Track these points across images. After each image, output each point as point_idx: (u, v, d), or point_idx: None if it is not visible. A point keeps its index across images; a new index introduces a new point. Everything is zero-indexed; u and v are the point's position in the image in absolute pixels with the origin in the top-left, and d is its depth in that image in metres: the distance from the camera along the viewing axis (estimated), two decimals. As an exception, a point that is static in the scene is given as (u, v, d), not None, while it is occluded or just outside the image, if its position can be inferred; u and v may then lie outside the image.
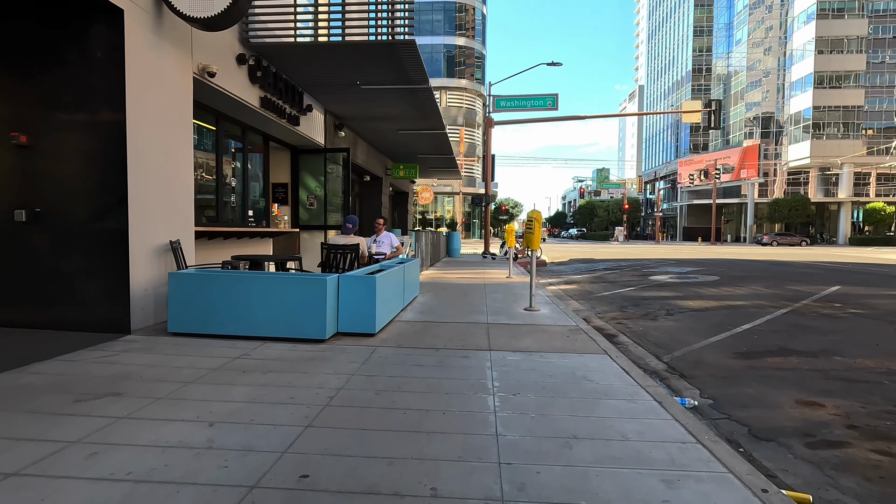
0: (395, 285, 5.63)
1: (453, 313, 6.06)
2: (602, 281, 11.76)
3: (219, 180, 7.22)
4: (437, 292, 8.04)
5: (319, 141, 9.99)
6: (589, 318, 6.88)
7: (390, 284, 5.29)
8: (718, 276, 12.19)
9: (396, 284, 5.68)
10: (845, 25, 51.63)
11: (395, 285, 5.63)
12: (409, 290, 6.68)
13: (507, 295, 7.88)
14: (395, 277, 5.54)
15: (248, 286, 4.40)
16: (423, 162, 17.04)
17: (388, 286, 5.13)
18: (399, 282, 5.84)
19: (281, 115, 7.95)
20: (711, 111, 20.06)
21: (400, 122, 11.18)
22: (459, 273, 11.75)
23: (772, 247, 39.19)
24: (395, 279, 5.55)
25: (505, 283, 9.58)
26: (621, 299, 8.70)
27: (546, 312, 6.28)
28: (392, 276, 5.39)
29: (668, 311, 7.44)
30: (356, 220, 6.06)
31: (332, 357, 3.90)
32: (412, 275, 6.95)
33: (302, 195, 10.33)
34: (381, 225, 7.63)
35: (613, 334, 5.85)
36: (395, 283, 5.57)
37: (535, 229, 6.28)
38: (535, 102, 20.54)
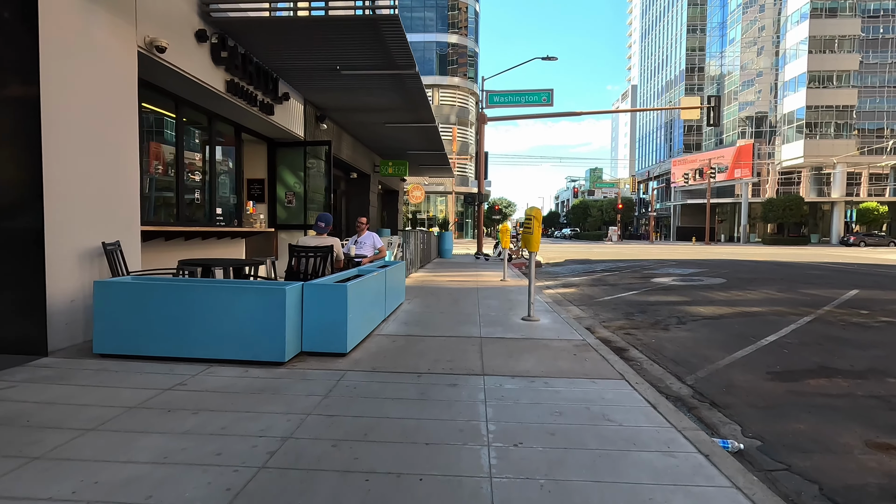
0: (375, 293, 4.88)
1: (442, 324, 5.32)
2: (602, 284, 11.08)
3: (179, 174, 6.43)
4: (426, 298, 7.31)
5: (298, 133, 9.21)
6: (593, 327, 6.17)
7: (368, 293, 4.55)
8: (725, 279, 11.56)
9: (376, 292, 4.94)
10: (838, 25, 51.54)
11: (375, 293, 4.88)
12: (393, 297, 5.94)
13: (503, 301, 7.15)
14: (374, 284, 4.79)
15: (192, 298, 3.63)
16: (414, 158, 16.29)
17: (364, 295, 4.39)
18: (379, 289, 5.10)
19: (252, 103, 7.17)
20: (710, 107, 19.51)
21: (387, 113, 10.42)
22: (451, 275, 11.02)
23: (859, 248, 37.71)
24: (374, 286, 4.80)
25: (499, 288, 8.86)
26: (626, 305, 8.01)
27: (547, 323, 5.57)
28: (370, 282, 4.64)
29: (680, 318, 6.75)
30: (330, 219, 5.31)
31: (288, 387, 3.14)
32: (396, 280, 6.21)
33: (280, 192, 9.55)
34: (363, 224, 6.88)
35: (624, 348, 5.14)
36: (374, 291, 4.82)
37: (535, 229, 5.56)
38: (530, 98, 19.89)
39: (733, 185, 56.62)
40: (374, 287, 4.83)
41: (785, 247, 40.48)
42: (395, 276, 6.12)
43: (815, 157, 51.17)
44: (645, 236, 67.84)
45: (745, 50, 59.91)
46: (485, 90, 19.85)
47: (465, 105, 53.90)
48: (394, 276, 5.98)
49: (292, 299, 3.67)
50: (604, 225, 69.10)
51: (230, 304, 3.60)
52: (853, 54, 51.22)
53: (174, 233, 6.13)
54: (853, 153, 49.99)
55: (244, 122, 8.01)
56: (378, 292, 5.01)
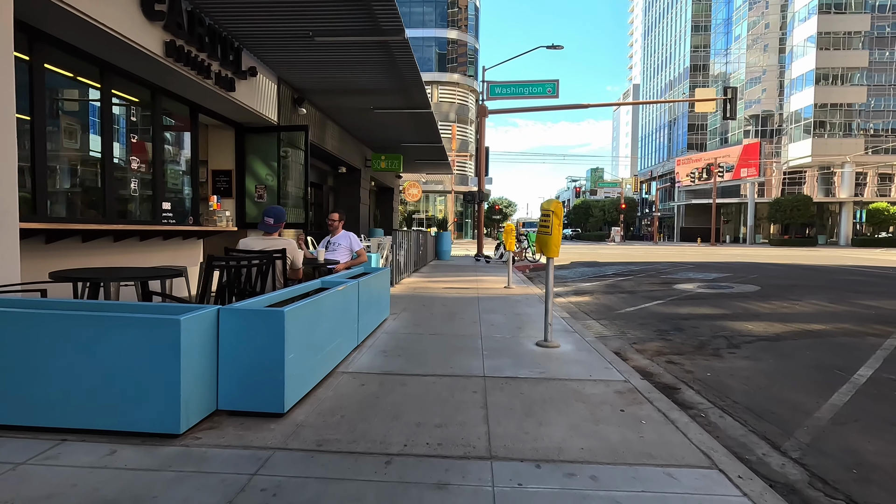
0: (339, 315, 3.59)
1: (432, 354, 4.04)
2: (618, 291, 9.80)
3: (106, 159, 5.14)
4: (416, 312, 6.02)
5: (271, 117, 7.93)
6: (624, 351, 4.89)
7: (326, 317, 3.26)
8: (757, 286, 10.27)
9: (341, 313, 3.65)
10: (847, 21, 50.33)
11: (339, 315, 3.59)
12: (372, 314, 4.65)
13: (509, 316, 5.87)
14: (336, 304, 3.50)
15: (36, 334, 2.34)
16: (409, 152, 15.00)
17: (319, 321, 3.10)
18: (347, 308, 3.81)
19: (204, 75, 5.87)
20: (727, 99, 18.25)
21: (375, 97, 9.14)
22: (448, 281, 9.74)
23: (873, 249, 35.59)
24: (336, 306, 3.51)
25: (504, 297, 7.58)
26: (654, 319, 6.72)
27: (568, 350, 4.28)
28: (330, 302, 3.35)
29: (729, 339, 5.47)
30: (282, 214, 4.00)
31: (166, 492, 1.86)
32: (377, 292, 4.93)
33: (249, 185, 8.26)
34: (336, 221, 5.59)
35: (673, 387, 3.85)
36: (337, 313, 3.53)
37: (555, 228, 4.27)
38: (534, 89, 18.64)
39: (738, 184, 55.41)
40: (338, 307, 3.54)
41: (794, 248, 39.24)
42: (376, 287, 4.83)
43: (823, 156, 49.96)
44: (648, 237, 66.60)
45: (751, 47, 58.69)
46: (486, 81, 18.58)
47: (464, 102, 52.72)
48: (373, 287, 4.70)
49: (197, 333, 2.38)
50: (605, 225, 67.81)
51: (95, 342, 2.31)
52: (862, 51, 50.02)
53: (95, 232, 4.84)
54: (862, 152, 48.81)
55: (201, 101, 6.72)
56: (345, 313, 3.72)
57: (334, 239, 5.57)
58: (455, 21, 51.84)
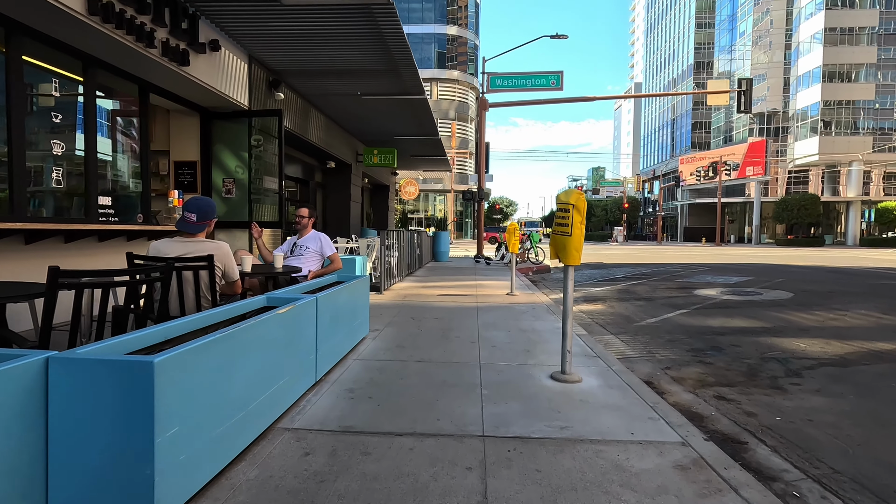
0: (284, 348, 2.59)
1: (415, 393, 3.04)
2: (633, 297, 8.80)
3: (13, 143, 4.14)
4: (403, 328, 5.03)
5: (240, 101, 6.94)
6: (657, 380, 3.91)
7: (254, 356, 2.26)
8: (789, 292, 9.25)
9: (289, 344, 2.64)
10: (855, 16, 49.27)
11: (284, 348, 2.59)
12: (340, 337, 3.66)
13: (514, 333, 4.87)
14: (276, 332, 2.49)
15: None
16: (404, 147, 14.00)
17: (238, 366, 2.10)
18: (300, 335, 2.81)
19: (146, 42, 4.88)
20: (742, 91, 17.25)
21: (362, 80, 8.14)
22: (444, 286, 8.74)
23: (887, 249, 33.82)
24: (275, 337, 2.50)
25: (507, 307, 6.58)
26: (683, 333, 5.73)
27: (594, 386, 3.29)
28: (263, 333, 2.35)
29: (784, 363, 4.47)
30: (209, 208, 2.94)
31: None
32: (350, 308, 3.93)
33: (216, 179, 7.27)
34: (304, 218, 4.58)
35: (735, 438, 2.86)
36: (277, 346, 2.53)
37: (576, 226, 3.27)
38: (537, 81, 17.67)
39: (743, 184, 54.38)
40: (279, 336, 2.53)
41: (803, 248, 38.21)
42: (347, 301, 3.83)
43: (831, 154, 48.91)
44: (650, 237, 65.60)
45: (756, 43, 57.65)
46: (486, 73, 17.59)
47: (464, 100, 51.76)
48: (343, 302, 3.70)
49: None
50: (608, 225, 66.76)
51: None
52: (870, 47, 48.97)
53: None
54: (870, 151, 47.79)
55: (150, 78, 5.72)
56: (293, 342, 2.71)
57: (302, 241, 4.57)
58: (455, 17, 50.85)
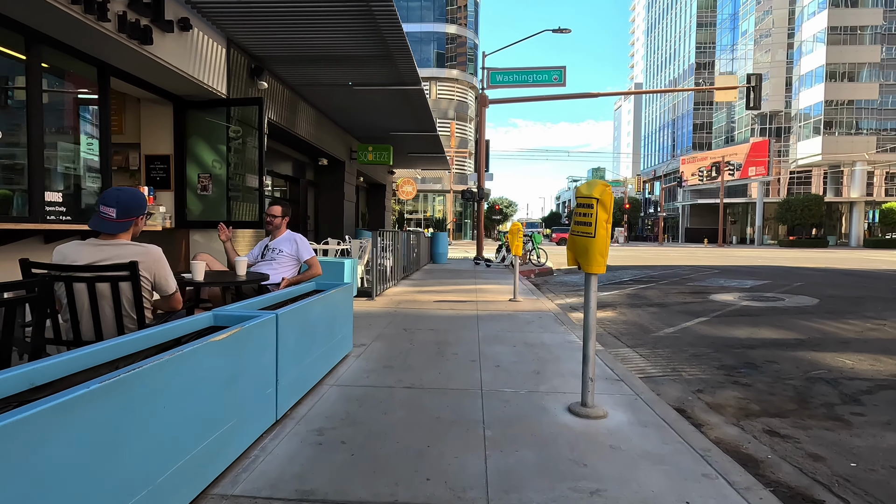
0: (224, 387, 1.95)
1: (400, 437, 2.41)
2: (644, 302, 8.18)
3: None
4: (393, 342, 4.39)
5: (217, 89, 6.31)
6: (690, 407, 3.29)
7: (164, 408, 1.62)
8: (813, 297, 8.62)
9: (232, 381, 2.00)
10: (858, 15, 48.75)
11: (224, 387, 1.95)
12: (312, 360, 3.02)
13: (521, 349, 4.23)
14: (208, 369, 1.85)
15: None
16: (400, 143, 13.37)
17: (136, 426, 1.46)
18: (252, 364, 2.17)
19: (98, 15, 4.25)
20: (751, 87, 16.67)
21: (353, 68, 7.51)
22: (441, 291, 8.10)
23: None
24: (208, 375, 1.86)
25: (511, 315, 5.94)
26: (708, 346, 5.10)
27: (623, 424, 2.65)
28: (189, 372, 1.71)
29: (836, 385, 3.84)
30: (134, 201, 2.22)
31: None
32: (327, 323, 3.30)
33: (191, 174, 6.63)
34: (277, 218, 3.95)
35: (810, 496, 2.23)
36: (212, 387, 1.89)
37: (600, 226, 2.63)
38: (539, 77, 17.06)
39: (745, 184, 53.83)
40: (215, 373, 1.88)
41: (807, 249, 37.63)
42: (323, 316, 3.20)
43: (834, 154, 48.35)
44: (651, 237, 65.00)
45: (758, 43, 57.11)
46: (486, 68, 16.97)
47: (464, 99, 51.18)
48: (317, 317, 3.07)
49: None
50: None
51: None
52: (874, 46, 48.45)
53: None
54: (874, 151, 47.24)
55: (109, 59, 5.09)
56: (239, 377, 2.08)
57: (274, 243, 3.93)
58: (454, 17, 50.26)
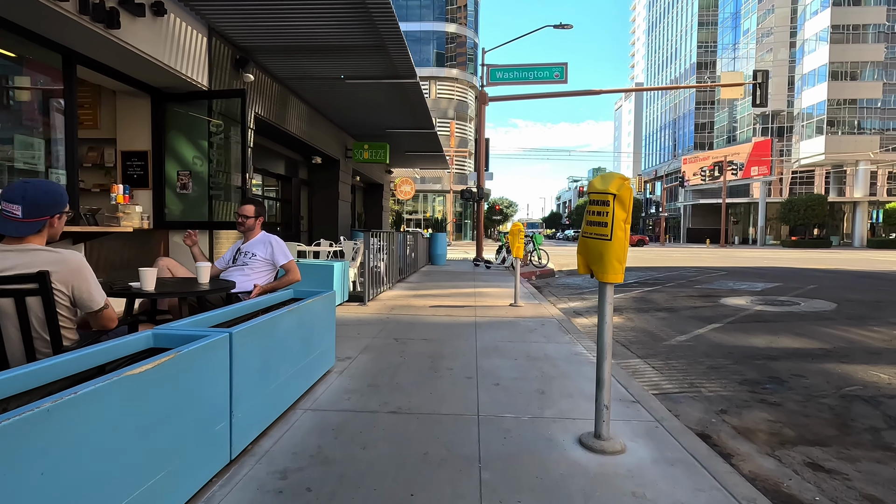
0: (142, 436, 1.54)
1: (380, 480, 1.99)
2: (652, 307, 7.76)
3: None
4: (382, 355, 3.98)
5: (197, 80, 5.90)
6: (716, 433, 2.88)
7: (61, 472, 1.20)
8: (829, 301, 8.20)
9: (157, 426, 1.59)
10: (862, 13, 48.33)
11: (142, 436, 1.54)
12: (280, 384, 2.61)
13: (523, 363, 3.82)
14: (128, 408, 1.44)
15: None
16: (397, 141, 12.96)
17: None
18: (193, 400, 1.76)
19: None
20: (757, 84, 16.24)
21: (344, 59, 7.10)
22: (439, 295, 7.69)
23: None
24: (130, 416, 1.45)
25: (512, 322, 5.53)
26: (726, 357, 4.68)
27: (646, 459, 2.24)
28: (102, 409, 1.30)
29: (877, 405, 3.42)
30: (47, 197, 1.80)
31: None
32: (305, 338, 2.88)
33: (170, 171, 6.22)
34: (250, 218, 3.53)
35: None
36: (135, 433, 1.48)
37: (617, 226, 2.23)
38: (540, 73, 16.66)
39: (747, 184, 53.39)
40: (122, 419, 1.47)
41: (811, 250, 37.19)
42: (297, 331, 2.78)
43: (837, 153, 47.91)
44: (653, 238, 64.56)
45: (760, 42, 56.69)
46: (486, 65, 16.56)
47: (463, 99, 50.78)
48: (287, 333, 2.65)
49: None
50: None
51: None
52: (877, 45, 48.03)
53: None
54: (878, 150, 46.81)
55: (74, 45, 4.68)
56: (163, 423, 1.66)
57: (247, 246, 3.53)
58: (454, 16, 49.87)
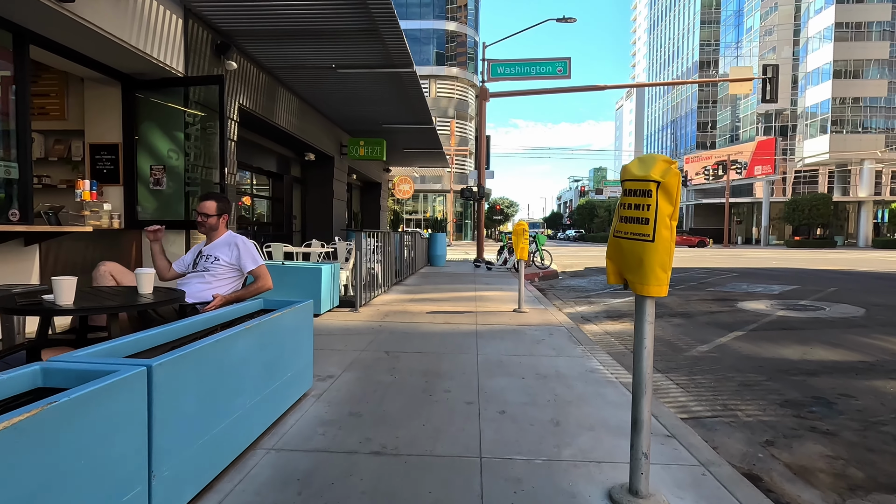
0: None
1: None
2: (664, 311, 7.24)
3: None
4: (369, 373, 3.46)
5: (172, 65, 5.39)
6: (759, 468, 2.36)
7: None
8: (856, 306, 7.66)
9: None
10: (866, 11, 47.79)
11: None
12: (245, 414, 2.08)
13: (532, 382, 3.29)
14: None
15: None
16: (394, 137, 12.44)
17: None
18: (82, 469, 1.24)
19: (-6, -43, 3.33)
20: (767, 79, 15.72)
21: (334, 44, 6.59)
22: (437, 300, 7.17)
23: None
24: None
25: (517, 331, 5.00)
26: (757, 372, 4.16)
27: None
28: None
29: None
30: None
31: None
32: (271, 362, 2.35)
33: (143, 166, 5.70)
34: (211, 217, 3.00)
35: None
36: None
37: (661, 223, 1.70)
38: (542, 69, 16.16)
39: (750, 183, 52.85)
40: None
41: (816, 250, 36.65)
42: (259, 353, 2.26)
43: (842, 152, 47.38)
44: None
45: (763, 40, 56.17)
46: (486, 60, 16.05)
47: (464, 98, 50.28)
48: (243, 358, 2.13)
49: None
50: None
51: None
52: (882, 43, 47.50)
53: None
54: (883, 149, 46.25)
55: (25, 21, 4.16)
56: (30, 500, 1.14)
57: (209, 249, 3.01)
58: (454, 15, 49.38)
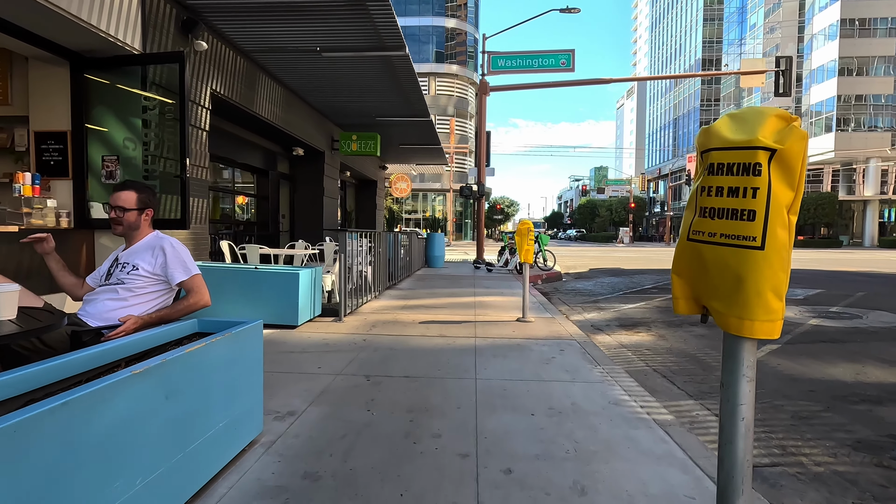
0: None
1: None
2: (683, 320, 6.55)
3: None
4: (340, 408, 2.77)
5: (127, 42, 4.70)
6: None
7: None
8: (894, 312, 6.97)
9: None
10: (872, 7, 47.11)
11: None
12: (153, 483, 1.38)
13: (543, 420, 2.60)
14: None
15: None
16: (389, 131, 11.73)
17: None
18: None
19: None
20: (780, 71, 15.04)
21: (316, 23, 5.88)
22: (432, 306, 6.47)
23: None
24: None
25: (521, 347, 4.31)
26: (810, 400, 3.48)
27: None
28: None
29: None
30: None
31: None
32: (198, 409, 1.67)
33: (95, 156, 5.01)
34: (130, 211, 2.30)
35: None
36: None
37: (774, 211, 1.01)
38: (545, 61, 15.51)
39: (755, 182, 52.09)
40: None
41: (822, 250, 35.97)
42: (182, 397, 1.57)
43: (847, 151, 46.67)
44: (657, 238, 63.32)
45: (767, 37, 55.45)
46: (487, 52, 15.36)
47: (464, 95, 49.57)
48: (153, 409, 1.43)
49: None
50: (612, 225, 64.37)
51: None
52: (889, 39, 46.80)
53: None
54: (890, 147, 45.53)
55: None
56: None
57: (127, 255, 2.31)
58: (454, 12, 48.68)
